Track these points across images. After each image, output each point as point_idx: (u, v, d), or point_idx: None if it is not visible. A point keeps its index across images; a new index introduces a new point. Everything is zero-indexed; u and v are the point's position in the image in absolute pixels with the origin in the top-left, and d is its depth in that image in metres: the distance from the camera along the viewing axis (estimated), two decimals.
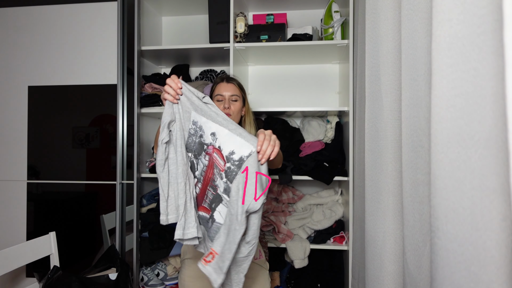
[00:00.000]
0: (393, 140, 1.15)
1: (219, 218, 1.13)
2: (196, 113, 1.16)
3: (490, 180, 0.62)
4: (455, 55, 0.69)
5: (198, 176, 1.18)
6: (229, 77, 1.56)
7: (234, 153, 1.09)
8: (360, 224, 1.56)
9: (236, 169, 1.07)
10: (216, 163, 1.13)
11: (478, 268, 0.64)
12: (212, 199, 1.15)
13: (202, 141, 1.16)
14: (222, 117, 1.14)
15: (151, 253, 2.01)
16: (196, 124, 1.17)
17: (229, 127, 1.11)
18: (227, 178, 1.10)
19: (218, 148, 1.12)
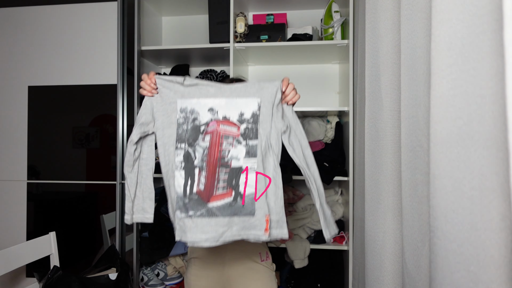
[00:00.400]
0: (393, 140, 1.15)
1: (248, 188, 1.09)
2: (183, 100, 1.11)
3: (489, 180, 0.62)
4: (455, 55, 0.69)
5: (199, 164, 1.10)
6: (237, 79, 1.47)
7: (243, 113, 1.11)
8: (360, 224, 1.56)
9: (254, 125, 1.10)
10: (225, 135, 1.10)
11: (477, 268, 0.64)
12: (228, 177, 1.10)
13: (197, 124, 1.11)
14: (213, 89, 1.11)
15: (151, 253, 2.01)
16: (185, 111, 1.11)
17: (224, 95, 1.10)
18: (247, 139, 1.10)
19: (224, 118, 1.11)
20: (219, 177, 1.10)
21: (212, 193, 1.10)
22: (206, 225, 1.07)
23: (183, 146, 1.11)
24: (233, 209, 1.09)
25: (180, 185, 1.10)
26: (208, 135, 1.11)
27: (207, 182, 1.10)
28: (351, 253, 1.84)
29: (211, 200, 1.09)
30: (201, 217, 1.08)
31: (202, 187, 1.10)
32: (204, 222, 1.07)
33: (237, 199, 1.09)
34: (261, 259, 1.42)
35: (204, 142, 1.11)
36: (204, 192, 1.09)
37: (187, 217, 1.08)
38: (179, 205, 1.08)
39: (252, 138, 1.10)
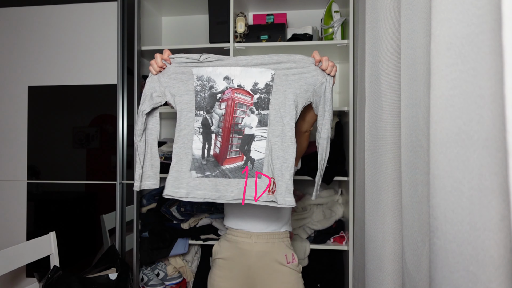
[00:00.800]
0: (393, 140, 1.15)
1: (258, 154, 1.17)
2: (198, 68, 1.17)
3: (488, 180, 0.62)
4: (454, 55, 0.69)
5: (216, 130, 1.18)
6: None
7: (257, 83, 1.17)
8: (360, 224, 1.56)
9: (267, 96, 1.16)
10: (239, 103, 1.17)
11: (476, 268, 0.64)
12: (241, 143, 1.17)
13: (214, 92, 1.18)
14: (228, 60, 1.17)
15: (151, 253, 2.01)
16: (201, 79, 1.18)
17: (239, 64, 1.16)
18: (259, 109, 1.16)
19: (238, 86, 1.17)
20: (232, 142, 1.18)
21: (225, 156, 1.18)
22: (219, 184, 1.16)
23: (201, 113, 1.18)
24: (243, 171, 1.17)
25: (199, 148, 1.18)
26: (224, 103, 1.18)
27: (222, 146, 1.18)
28: (351, 253, 1.84)
29: (225, 163, 1.18)
30: (216, 177, 1.17)
31: (217, 150, 1.18)
32: (218, 181, 1.17)
33: (247, 163, 1.17)
34: (287, 261, 1.39)
35: (220, 109, 1.18)
36: (219, 155, 1.18)
37: (204, 177, 1.17)
38: (195, 166, 1.17)
39: (264, 108, 1.16)
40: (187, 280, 2.16)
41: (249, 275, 1.39)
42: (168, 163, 2.02)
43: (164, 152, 2.10)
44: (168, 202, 2.06)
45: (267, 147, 1.16)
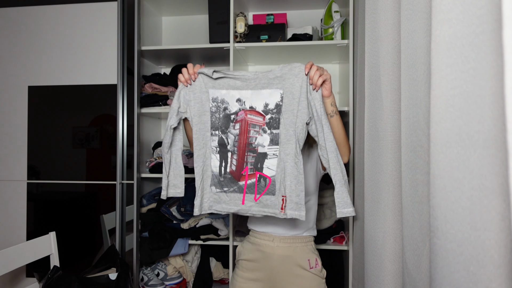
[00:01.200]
0: (393, 140, 1.15)
1: (270, 171, 1.24)
2: (214, 90, 1.25)
3: (489, 180, 0.62)
4: (454, 55, 0.69)
5: (231, 148, 1.26)
6: None
7: (268, 104, 1.23)
8: (360, 224, 1.56)
9: (277, 115, 1.22)
10: (252, 123, 1.24)
11: (477, 268, 0.64)
12: (254, 161, 1.25)
13: (228, 113, 1.25)
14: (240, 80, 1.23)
15: (151, 253, 2.01)
16: (216, 100, 1.25)
17: (250, 87, 1.23)
18: (271, 128, 1.23)
19: (250, 108, 1.24)
20: (247, 160, 1.26)
21: (240, 172, 1.26)
22: (238, 199, 1.25)
23: (217, 132, 1.27)
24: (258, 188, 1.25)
25: (216, 166, 1.27)
26: (238, 123, 1.25)
27: (238, 164, 1.26)
28: (351, 253, 1.84)
29: (241, 179, 1.26)
30: (234, 192, 1.26)
31: (234, 167, 1.26)
32: (237, 196, 1.26)
33: (260, 181, 1.25)
34: (309, 266, 1.38)
35: (234, 129, 1.26)
36: (235, 172, 1.26)
37: (222, 192, 1.26)
38: (215, 182, 1.26)
39: (275, 127, 1.23)
40: (187, 280, 2.16)
41: (271, 278, 1.39)
42: None
43: None
44: (168, 202, 2.06)
45: (278, 165, 1.23)
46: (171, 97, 2.11)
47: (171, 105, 1.26)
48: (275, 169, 1.23)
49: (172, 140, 1.29)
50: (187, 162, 2.04)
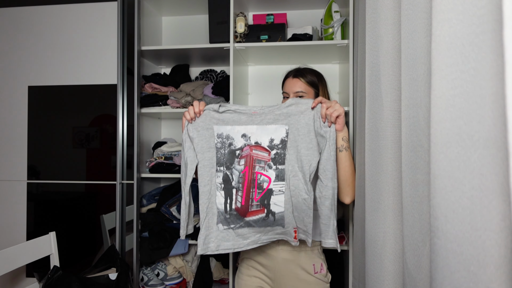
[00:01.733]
0: (393, 140, 1.15)
1: (278, 208, 1.23)
2: (218, 126, 1.24)
3: (489, 180, 0.62)
4: (455, 55, 0.69)
5: (236, 185, 1.24)
6: (298, 71, 1.46)
7: (273, 139, 1.23)
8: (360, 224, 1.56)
9: (283, 151, 1.22)
10: (257, 159, 1.23)
11: (477, 268, 0.64)
12: (261, 198, 1.23)
13: (233, 149, 1.24)
14: (245, 115, 1.24)
15: (151, 253, 2.01)
16: (221, 136, 1.24)
17: (255, 122, 1.23)
18: (277, 164, 1.22)
19: (256, 143, 1.23)
20: (252, 197, 1.24)
21: (248, 209, 1.25)
22: (246, 233, 1.24)
23: (222, 169, 1.25)
24: (266, 222, 1.24)
25: (221, 203, 1.24)
26: (243, 159, 1.24)
27: (243, 201, 1.25)
28: (351, 253, 1.84)
29: (248, 215, 1.24)
30: (241, 228, 1.24)
31: (239, 204, 1.25)
32: (244, 231, 1.24)
33: (268, 216, 1.24)
34: (314, 270, 1.37)
35: (239, 165, 1.24)
36: (241, 209, 1.24)
37: (229, 229, 1.24)
38: (221, 219, 1.24)
39: (281, 163, 1.23)
40: (187, 280, 2.16)
41: (275, 279, 1.39)
42: (169, 163, 2.04)
43: (164, 152, 2.10)
44: (168, 202, 2.06)
45: (286, 201, 1.23)
46: (171, 97, 2.11)
47: (183, 155, 1.26)
48: (283, 206, 1.23)
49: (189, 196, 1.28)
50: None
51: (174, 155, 2.08)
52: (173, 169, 2.05)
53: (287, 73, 1.51)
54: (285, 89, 1.46)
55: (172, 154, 2.08)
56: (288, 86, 1.44)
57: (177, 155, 2.08)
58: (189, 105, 2.07)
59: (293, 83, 1.44)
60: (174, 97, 2.11)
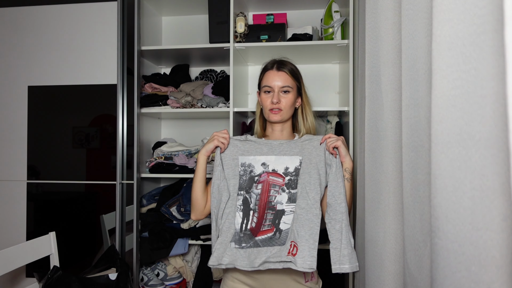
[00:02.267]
0: (394, 140, 1.15)
1: (285, 225, 1.32)
2: (243, 156, 1.39)
3: (490, 180, 0.62)
4: (456, 55, 0.69)
5: (253, 207, 1.35)
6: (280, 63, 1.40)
7: (288, 167, 1.36)
8: (360, 224, 1.56)
9: (296, 177, 1.35)
10: (273, 183, 1.36)
11: (478, 268, 0.64)
12: (273, 218, 1.33)
13: (253, 175, 1.37)
14: (266, 148, 1.40)
15: (151, 253, 2.01)
16: (244, 165, 1.38)
17: (274, 153, 1.39)
18: (289, 188, 1.34)
19: (273, 171, 1.36)
20: (266, 217, 1.34)
21: (259, 229, 1.33)
22: (251, 253, 1.29)
23: (242, 192, 1.36)
24: (272, 240, 1.31)
25: (239, 223, 1.33)
26: (260, 184, 1.36)
27: (258, 221, 1.33)
28: None
29: (258, 234, 1.33)
30: (249, 248, 1.30)
31: (253, 225, 1.33)
32: (250, 251, 1.30)
33: (276, 234, 1.32)
34: (305, 279, 1.36)
35: (257, 189, 1.35)
36: (254, 229, 1.33)
37: (240, 248, 1.30)
38: (235, 239, 1.31)
39: (293, 187, 1.34)
40: (187, 280, 2.16)
41: None
42: (169, 163, 2.04)
43: (164, 152, 2.10)
44: (168, 202, 2.06)
45: (294, 219, 1.32)
46: (171, 97, 2.11)
47: (215, 171, 1.38)
48: (291, 223, 1.31)
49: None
50: (186, 162, 2.04)
51: (174, 155, 2.08)
52: (173, 169, 2.04)
53: (266, 65, 1.44)
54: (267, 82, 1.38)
55: (172, 154, 2.08)
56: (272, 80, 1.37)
57: (177, 155, 2.07)
58: (189, 105, 2.07)
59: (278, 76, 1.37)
60: (174, 97, 2.11)
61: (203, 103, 2.08)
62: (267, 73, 1.40)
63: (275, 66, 1.39)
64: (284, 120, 1.42)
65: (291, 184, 1.34)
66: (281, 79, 1.37)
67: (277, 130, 1.46)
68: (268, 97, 1.38)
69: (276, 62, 1.40)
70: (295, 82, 1.40)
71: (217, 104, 2.04)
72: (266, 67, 1.43)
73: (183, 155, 2.08)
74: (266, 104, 1.40)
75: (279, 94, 1.36)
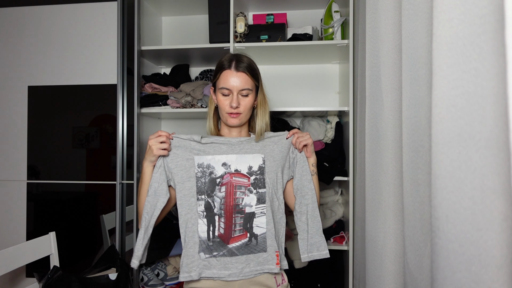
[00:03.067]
0: (394, 140, 1.15)
1: (260, 229, 1.26)
2: (199, 156, 1.27)
3: (491, 180, 0.62)
4: (456, 55, 0.69)
5: (218, 212, 1.25)
6: (238, 62, 1.27)
7: (252, 166, 1.28)
8: (360, 224, 1.56)
9: (262, 176, 1.28)
10: (238, 185, 1.27)
11: (479, 268, 0.64)
12: (243, 222, 1.26)
13: (214, 177, 1.26)
14: (225, 145, 1.29)
15: (151, 253, 2.00)
16: (202, 166, 1.26)
17: (234, 152, 1.29)
18: (257, 188, 1.27)
19: (235, 171, 1.27)
20: (235, 222, 1.25)
21: (230, 235, 1.25)
22: (228, 263, 1.23)
23: (203, 197, 1.25)
24: (249, 247, 1.25)
25: (204, 231, 1.24)
26: (224, 186, 1.26)
27: (226, 227, 1.25)
28: (351, 253, 1.84)
29: (231, 241, 1.25)
30: (224, 256, 1.24)
31: (222, 231, 1.25)
32: (227, 260, 1.24)
33: (251, 239, 1.25)
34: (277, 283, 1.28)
35: (220, 192, 1.26)
36: (224, 235, 1.25)
37: (211, 257, 1.23)
38: (203, 248, 1.23)
39: (261, 187, 1.27)
40: None
41: None
42: None
43: None
44: None
45: (267, 222, 1.26)
46: (171, 97, 2.11)
47: (153, 175, 1.24)
48: (265, 226, 1.26)
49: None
50: None
51: None
52: None
53: (222, 62, 1.30)
54: (225, 84, 1.25)
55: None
56: (231, 81, 1.24)
57: None
58: (189, 105, 2.07)
59: (237, 78, 1.24)
60: (174, 97, 2.11)
61: (203, 103, 2.08)
62: (224, 73, 1.26)
63: (233, 65, 1.26)
64: (243, 123, 1.33)
65: (258, 184, 1.26)
66: (240, 81, 1.25)
67: (235, 130, 1.35)
68: (226, 99, 1.26)
69: (234, 60, 1.27)
70: (254, 82, 1.29)
71: None
72: (222, 65, 1.28)
73: None
74: (224, 106, 1.28)
75: (238, 97, 1.25)
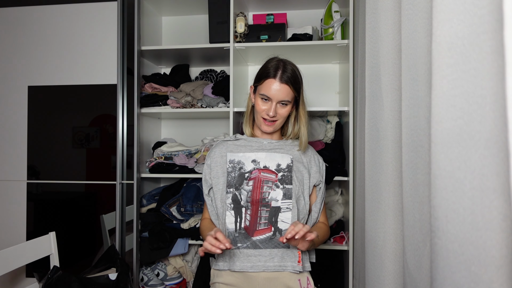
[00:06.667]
0: (394, 140, 1.15)
1: (285, 225, 1.29)
2: (231, 153, 1.36)
3: (490, 180, 0.62)
4: (456, 55, 0.69)
5: (245, 204, 1.31)
6: (284, 72, 1.26)
7: (280, 164, 1.34)
8: (360, 224, 1.56)
9: (289, 173, 1.33)
10: (265, 180, 1.32)
11: (478, 268, 0.64)
12: (269, 215, 1.30)
13: (243, 172, 1.33)
14: (256, 145, 1.38)
15: (151, 253, 2.01)
16: (233, 162, 1.35)
17: (265, 150, 1.37)
18: (284, 184, 1.32)
19: (264, 167, 1.34)
20: (261, 215, 1.30)
21: (255, 228, 1.29)
22: (251, 255, 1.27)
23: (231, 190, 1.32)
24: (273, 241, 1.28)
25: (232, 222, 1.30)
26: (252, 181, 1.32)
27: (252, 219, 1.29)
28: (351, 253, 1.84)
29: (255, 234, 1.29)
30: (247, 248, 1.28)
31: (247, 223, 1.30)
32: (250, 252, 1.28)
33: (275, 234, 1.28)
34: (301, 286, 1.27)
35: (247, 186, 1.32)
36: (249, 227, 1.29)
37: (235, 248, 1.28)
38: (230, 239, 1.25)
39: (288, 183, 1.32)
40: (187, 280, 2.16)
41: None
42: (168, 163, 2.04)
43: (164, 152, 2.10)
44: (168, 202, 2.06)
45: (292, 218, 1.29)
46: (171, 97, 2.11)
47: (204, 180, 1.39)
48: (290, 222, 1.28)
49: None
50: (186, 162, 2.04)
51: (174, 155, 2.08)
52: (173, 169, 2.04)
53: (268, 69, 1.29)
54: (266, 92, 1.27)
55: (172, 154, 2.08)
56: (273, 91, 1.26)
57: (177, 155, 2.07)
58: (189, 105, 2.07)
59: (280, 89, 1.26)
60: (174, 97, 2.11)
61: (203, 103, 2.08)
62: (268, 81, 1.27)
63: (278, 75, 1.26)
64: (276, 130, 1.39)
65: (285, 180, 1.32)
66: (282, 92, 1.26)
67: (267, 132, 1.40)
68: (264, 104, 1.29)
69: (280, 70, 1.27)
70: (294, 94, 1.30)
71: (217, 104, 2.04)
72: (268, 73, 1.28)
73: (183, 155, 2.08)
74: (261, 111, 1.31)
75: (277, 106, 1.28)
